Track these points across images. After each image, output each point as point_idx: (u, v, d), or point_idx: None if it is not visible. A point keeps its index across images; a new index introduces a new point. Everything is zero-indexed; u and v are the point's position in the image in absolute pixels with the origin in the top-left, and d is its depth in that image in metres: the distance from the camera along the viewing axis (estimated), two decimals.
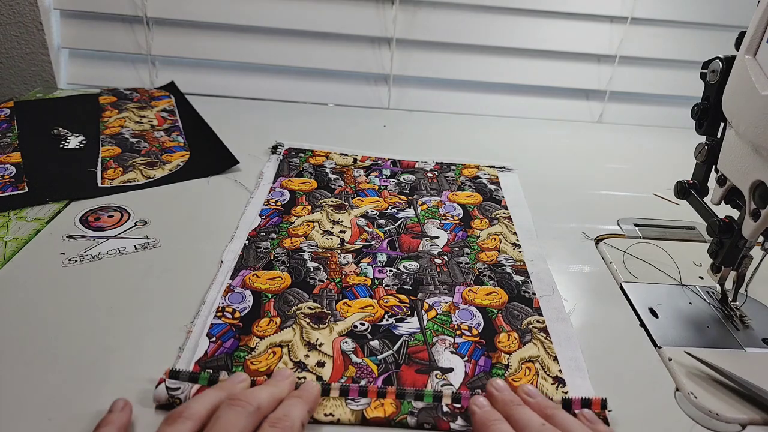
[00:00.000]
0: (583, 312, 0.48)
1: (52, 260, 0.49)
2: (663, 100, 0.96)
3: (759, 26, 0.39)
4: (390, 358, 0.41)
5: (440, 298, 0.48)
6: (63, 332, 0.41)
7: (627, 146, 0.85)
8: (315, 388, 0.37)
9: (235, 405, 0.32)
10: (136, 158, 0.67)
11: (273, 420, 0.32)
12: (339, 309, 0.46)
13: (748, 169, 0.41)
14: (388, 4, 0.87)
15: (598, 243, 0.58)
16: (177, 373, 0.37)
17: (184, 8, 0.86)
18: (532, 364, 0.42)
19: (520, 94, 0.94)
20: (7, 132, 0.71)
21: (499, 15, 0.88)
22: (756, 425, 0.38)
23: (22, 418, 0.35)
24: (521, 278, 0.51)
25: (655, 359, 0.44)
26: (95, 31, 0.88)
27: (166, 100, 0.84)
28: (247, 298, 0.46)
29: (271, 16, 0.87)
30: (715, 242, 0.46)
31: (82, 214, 0.56)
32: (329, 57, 0.90)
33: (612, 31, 0.90)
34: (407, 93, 0.93)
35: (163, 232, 0.54)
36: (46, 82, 0.90)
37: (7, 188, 0.59)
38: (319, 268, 0.50)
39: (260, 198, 0.60)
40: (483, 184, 0.67)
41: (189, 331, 0.42)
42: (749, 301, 0.50)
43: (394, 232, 0.57)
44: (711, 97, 0.46)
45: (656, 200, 0.68)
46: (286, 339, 0.42)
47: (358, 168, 0.68)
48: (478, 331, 0.44)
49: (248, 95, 0.90)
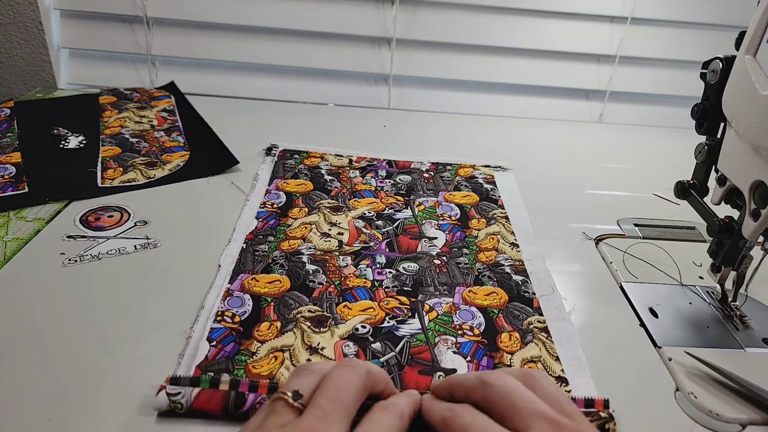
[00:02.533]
0: (583, 312, 0.48)
1: (52, 260, 0.49)
2: (663, 100, 0.96)
3: (759, 26, 0.39)
4: (393, 360, 0.41)
5: (440, 299, 0.48)
6: (63, 332, 0.41)
7: (627, 146, 0.85)
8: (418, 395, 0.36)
9: (347, 365, 0.32)
10: (136, 158, 0.67)
11: (384, 404, 0.32)
12: (339, 312, 0.45)
13: (748, 169, 0.41)
14: (388, 4, 0.87)
15: (598, 243, 0.58)
16: (178, 379, 0.36)
17: (184, 8, 0.86)
18: (535, 365, 0.42)
19: (520, 94, 0.94)
20: (7, 132, 0.71)
21: (499, 15, 0.88)
22: (756, 425, 0.38)
23: (22, 418, 0.35)
24: (520, 278, 0.51)
25: (655, 359, 0.44)
26: (95, 31, 0.88)
27: (166, 100, 0.84)
28: (247, 302, 0.45)
29: (271, 16, 0.87)
30: (715, 242, 0.46)
31: (82, 214, 0.56)
32: (329, 57, 0.90)
33: (612, 31, 0.90)
34: (407, 93, 0.93)
35: (163, 232, 0.54)
36: (46, 82, 0.90)
37: (7, 188, 0.59)
38: (318, 271, 0.50)
39: (256, 200, 0.60)
40: (479, 184, 0.67)
41: (188, 337, 0.42)
42: (749, 301, 0.50)
43: (392, 234, 0.57)
44: (711, 97, 0.46)
45: (656, 200, 0.68)
46: (287, 343, 0.42)
47: (354, 169, 0.68)
48: (480, 331, 0.44)
49: (248, 95, 0.90)
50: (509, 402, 0.30)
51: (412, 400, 0.34)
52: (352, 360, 0.33)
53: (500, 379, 0.32)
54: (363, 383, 0.31)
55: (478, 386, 0.32)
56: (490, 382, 0.32)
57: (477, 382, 0.33)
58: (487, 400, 0.31)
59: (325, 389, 0.30)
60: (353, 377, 0.31)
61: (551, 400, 0.31)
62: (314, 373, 0.32)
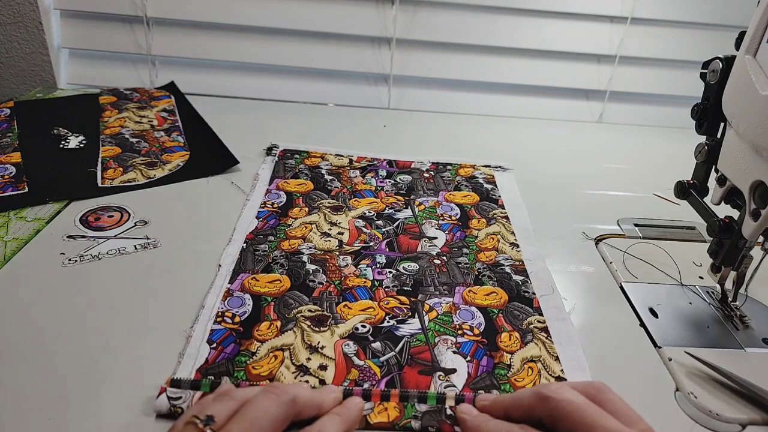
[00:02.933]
0: (583, 312, 0.48)
1: (52, 260, 0.49)
2: (663, 100, 0.96)
3: (759, 26, 0.39)
4: (392, 359, 0.41)
5: (440, 299, 0.48)
6: (63, 332, 0.41)
7: (627, 146, 0.85)
8: (357, 407, 0.35)
9: (270, 392, 0.32)
10: (136, 158, 0.67)
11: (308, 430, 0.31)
12: (339, 311, 0.45)
13: (748, 169, 0.41)
14: (388, 4, 0.87)
15: (598, 243, 0.58)
16: (178, 381, 0.36)
17: (184, 8, 0.86)
18: (534, 364, 0.42)
19: (520, 94, 0.94)
20: (7, 132, 0.71)
21: (499, 15, 0.88)
22: (756, 425, 0.38)
23: (22, 418, 0.35)
24: (520, 278, 0.51)
25: (655, 359, 0.44)
26: (95, 31, 0.88)
27: (166, 100, 0.84)
28: (247, 301, 0.46)
29: (271, 16, 0.87)
30: (715, 242, 0.46)
31: (82, 214, 0.56)
32: (329, 57, 0.90)
33: (612, 31, 0.90)
34: (407, 93, 0.93)
35: (163, 232, 0.54)
36: (46, 82, 0.90)
37: (7, 188, 0.59)
38: (319, 271, 0.50)
39: (256, 200, 0.60)
40: (479, 184, 0.67)
41: (189, 336, 0.42)
42: (749, 301, 0.50)
43: (392, 233, 0.57)
44: (711, 97, 0.46)
45: (656, 200, 0.68)
46: (287, 342, 0.42)
47: (354, 169, 0.68)
48: (480, 331, 0.44)
49: (248, 95, 0.90)
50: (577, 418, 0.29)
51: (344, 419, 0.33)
52: (279, 386, 0.33)
53: (561, 393, 0.31)
54: (284, 412, 0.31)
55: (538, 403, 0.31)
56: (552, 396, 0.31)
57: (536, 398, 0.32)
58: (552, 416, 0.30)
59: (240, 416, 0.30)
60: (272, 405, 0.31)
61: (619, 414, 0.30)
62: (234, 400, 0.32)
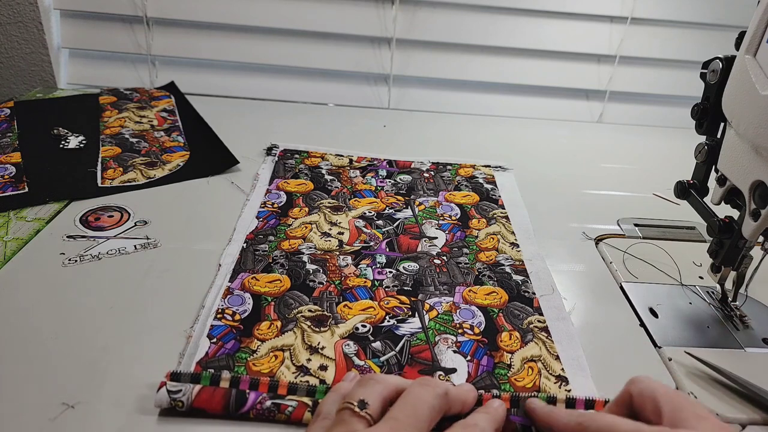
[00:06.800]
0: (583, 312, 0.48)
1: (52, 260, 0.49)
2: (663, 100, 0.96)
3: (759, 26, 0.39)
4: (393, 359, 0.41)
5: (441, 298, 0.48)
6: (63, 332, 0.41)
7: (627, 146, 0.85)
8: (502, 407, 0.35)
9: (425, 384, 0.32)
10: (136, 158, 0.67)
11: (464, 423, 0.32)
12: (340, 311, 0.45)
13: (748, 169, 0.41)
14: (388, 4, 0.87)
15: (598, 243, 0.58)
16: (178, 375, 0.36)
17: (184, 8, 0.86)
18: (535, 364, 0.42)
19: (520, 94, 0.94)
20: (7, 132, 0.71)
21: (499, 15, 0.88)
22: (756, 425, 0.38)
23: (22, 418, 0.35)
24: (521, 278, 0.51)
25: (655, 359, 0.44)
26: (95, 31, 0.88)
27: (166, 100, 0.84)
28: (247, 301, 0.45)
29: (271, 16, 0.87)
30: (715, 242, 0.46)
31: (82, 214, 0.56)
32: (329, 57, 0.90)
33: (612, 31, 0.90)
34: (407, 93, 0.93)
35: (163, 232, 0.54)
36: (46, 82, 0.90)
37: (7, 188, 0.59)
38: (319, 270, 0.50)
39: (256, 200, 0.60)
40: (479, 184, 0.67)
41: (189, 336, 0.42)
42: (749, 301, 0.50)
43: (392, 233, 0.57)
44: (711, 97, 0.46)
45: (656, 200, 0.68)
46: (287, 342, 0.42)
47: (354, 169, 0.68)
48: (480, 330, 0.44)
49: (248, 95, 0.90)
50: None
51: (493, 417, 0.33)
52: (432, 379, 0.33)
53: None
54: (439, 404, 0.31)
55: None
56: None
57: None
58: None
59: (402, 403, 0.30)
60: (430, 396, 0.31)
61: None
62: (379, 383, 0.32)
